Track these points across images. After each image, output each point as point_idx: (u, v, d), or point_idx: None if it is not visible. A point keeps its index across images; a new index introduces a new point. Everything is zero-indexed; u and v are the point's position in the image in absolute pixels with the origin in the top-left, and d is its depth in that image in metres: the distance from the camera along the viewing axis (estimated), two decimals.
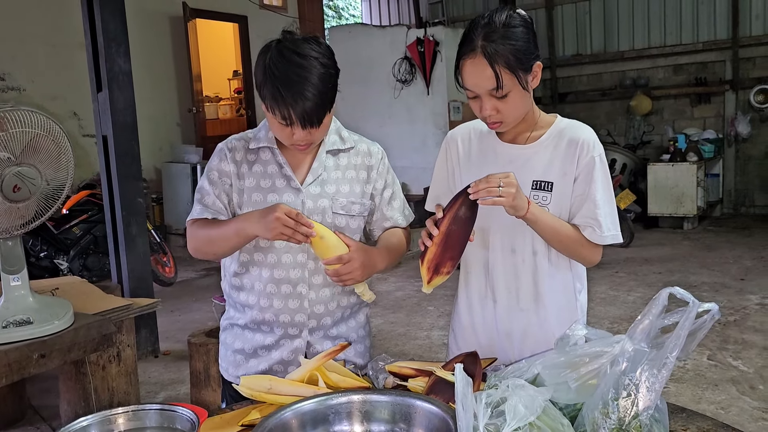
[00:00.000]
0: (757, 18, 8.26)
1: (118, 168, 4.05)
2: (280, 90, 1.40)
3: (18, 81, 6.49)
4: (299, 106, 1.41)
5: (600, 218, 1.51)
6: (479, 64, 1.41)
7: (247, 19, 8.73)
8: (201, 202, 1.60)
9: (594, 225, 1.51)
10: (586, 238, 1.53)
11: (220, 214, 1.59)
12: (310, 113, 1.42)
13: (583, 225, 1.53)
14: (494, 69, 1.40)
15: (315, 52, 1.43)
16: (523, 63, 1.43)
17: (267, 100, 1.43)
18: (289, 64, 1.40)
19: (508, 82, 1.42)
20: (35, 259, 5.06)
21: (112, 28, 3.97)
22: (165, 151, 7.77)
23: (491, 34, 1.41)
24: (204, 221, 1.59)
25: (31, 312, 2.10)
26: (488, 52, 1.40)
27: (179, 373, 3.92)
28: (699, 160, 7.69)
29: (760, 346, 3.97)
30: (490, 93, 1.44)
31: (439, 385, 1.34)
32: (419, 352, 4.19)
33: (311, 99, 1.41)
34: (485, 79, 1.42)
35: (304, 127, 1.44)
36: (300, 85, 1.40)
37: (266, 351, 1.63)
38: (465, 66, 1.44)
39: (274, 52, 1.43)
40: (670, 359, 1.00)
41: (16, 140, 1.92)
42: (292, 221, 1.41)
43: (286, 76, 1.40)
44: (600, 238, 1.51)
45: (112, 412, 1.17)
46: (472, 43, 1.42)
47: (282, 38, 1.46)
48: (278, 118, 1.44)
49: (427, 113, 7.88)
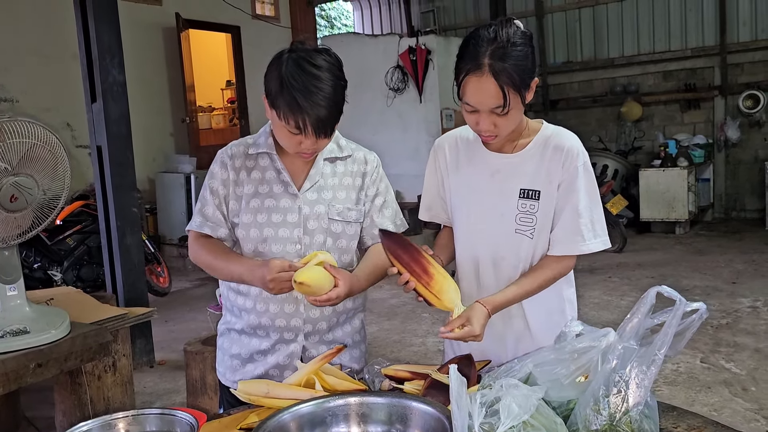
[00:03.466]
0: (744, 24, 8.37)
1: (112, 178, 4.06)
2: (297, 100, 1.42)
3: (11, 92, 6.49)
4: (315, 115, 1.43)
5: (582, 228, 1.52)
6: (486, 82, 1.40)
7: (240, 29, 8.76)
8: (201, 212, 1.63)
9: (575, 236, 1.53)
10: (555, 261, 1.55)
11: (218, 227, 1.63)
12: (325, 122, 1.46)
13: (560, 241, 1.54)
14: (502, 88, 1.40)
15: (329, 64, 1.47)
16: (526, 81, 1.44)
17: (282, 110, 1.45)
18: (307, 75, 1.43)
19: (512, 100, 1.42)
20: (29, 271, 5.04)
21: (107, 39, 4.00)
22: (158, 161, 7.78)
23: (498, 52, 1.40)
24: (207, 241, 1.63)
25: (28, 321, 2.11)
26: (496, 71, 1.39)
27: (174, 382, 3.92)
28: (690, 165, 7.76)
29: (752, 348, 4.01)
30: (492, 110, 1.44)
31: (435, 388, 1.36)
32: (414, 358, 4.20)
33: (326, 108, 1.44)
34: (491, 98, 1.42)
35: (318, 137, 1.47)
36: (317, 95, 1.43)
37: (262, 356, 1.64)
38: (469, 82, 1.43)
39: (291, 63, 1.45)
40: (658, 356, 1.02)
41: (13, 150, 1.93)
42: (286, 275, 1.44)
43: (304, 86, 1.42)
44: (584, 247, 1.53)
45: (112, 416, 1.18)
46: (477, 60, 1.40)
47: (294, 48, 1.49)
48: (291, 126, 1.46)
49: (420, 121, 7.92)
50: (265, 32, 8.88)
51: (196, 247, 1.64)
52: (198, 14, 8.17)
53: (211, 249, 1.62)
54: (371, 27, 12.01)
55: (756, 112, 8.23)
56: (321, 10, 15.44)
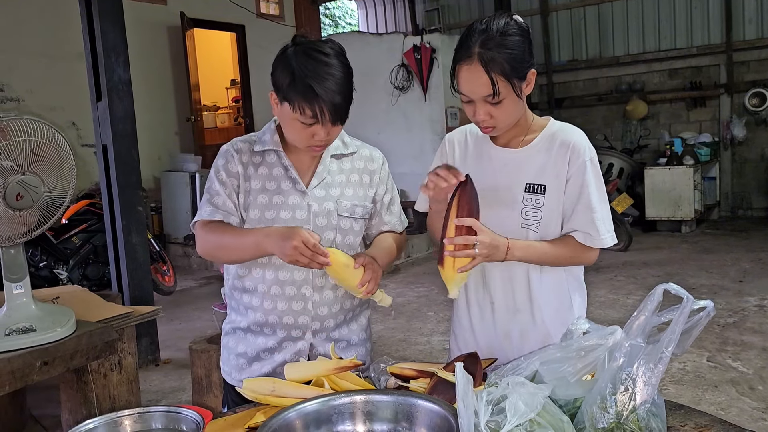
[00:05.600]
0: (750, 22, 8.33)
1: (118, 177, 4.07)
2: (313, 87, 1.42)
3: (16, 92, 6.51)
4: (330, 101, 1.44)
5: (597, 222, 1.53)
6: (475, 70, 1.43)
7: (245, 28, 8.78)
8: (210, 202, 1.61)
9: (591, 231, 1.54)
10: (579, 246, 1.55)
11: (230, 215, 1.60)
12: (339, 108, 1.46)
13: (579, 231, 1.55)
14: (490, 76, 1.42)
15: (335, 51, 1.48)
16: (518, 71, 1.45)
17: (296, 100, 1.45)
18: (318, 62, 1.44)
19: (503, 89, 1.44)
20: (35, 269, 5.06)
21: (112, 37, 4.00)
22: (163, 160, 7.79)
23: (488, 42, 1.42)
24: (215, 224, 1.60)
25: (34, 320, 2.11)
26: (485, 60, 1.42)
27: (180, 381, 3.93)
28: (695, 164, 7.72)
29: (759, 347, 3.99)
30: (484, 99, 1.46)
31: (441, 386, 1.36)
32: (420, 357, 4.20)
33: (341, 94, 1.45)
34: (481, 86, 1.44)
35: (334, 123, 1.48)
36: (330, 81, 1.43)
37: (269, 354, 1.64)
38: (461, 71, 1.46)
39: (299, 54, 1.46)
40: (665, 354, 1.02)
41: (19, 149, 1.93)
42: (309, 251, 1.43)
43: (316, 73, 1.43)
44: (598, 242, 1.54)
45: (118, 414, 1.18)
46: (468, 50, 1.44)
47: (298, 41, 1.49)
48: (307, 116, 1.46)
49: (425, 120, 7.92)
50: (270, 31, 8.88)
51: (203, 233, 1.60)
52: (203, 13, 8.19)
53: (220, 229, 1.58)
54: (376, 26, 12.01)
55: (762, 110, 8.19)
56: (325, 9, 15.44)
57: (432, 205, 1.58)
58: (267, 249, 1.50)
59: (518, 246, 1.51)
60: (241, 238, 1.55)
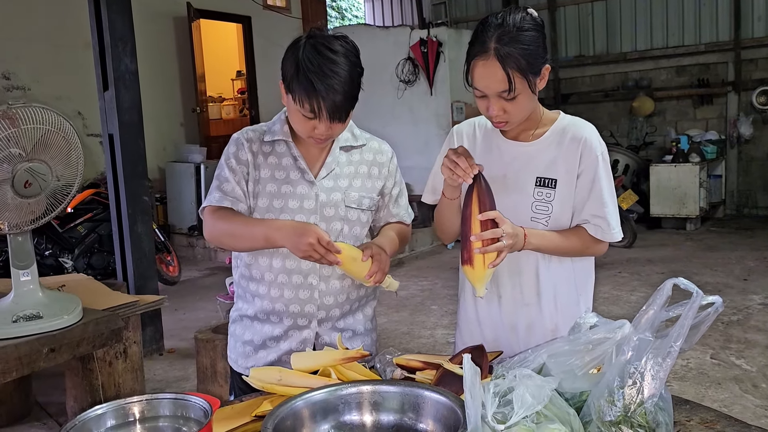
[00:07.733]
0: (759, 20, 8.28)
1: (124, 166, 4.08)
2: (313, 83, 1.43)
3: (23, 80, 6.52)
4: (330, 99, 1.44)
5: (608, 216, 1.54)
6: (492, 66, 1.42)
7: (251, 19, 8.75)
8: (220, 188, 1.61)
9: (602, 224, 1.54)
10: (590, 237, 1.56)
11: (239, 202, 1.61)
12: (339, 107, 1.46)
13: (590, 224, 1.55)
14: (507, 72, 1.41)
15: (345, 49, 1.47)
16: (534, 67, 1.44)
17: (297, 93, 1.46)
18: (323, 58, 1.44)
19: (518, 85, 1.43)
20: (40, 258, 5.08)
21: (119, 27, 4.01)
22: (169, 150, 7.80)
23: (504, 37, 1.41)
24: (224, 212, 1.60)
25: (41, 307, 2.12)
26: (501, 55, 1.40)
27: (184, 370, 3.95)
28: (701, 161, 7.70)
29: (763, 345, 3.99)
30: (499, 95, 1.45)
31: (447, 378, 1.36)
32: (423, 350, 4.20)
33: (342, 93, 1.45)
34: (497, 82, 1.43)
35: (332, 121, 1.47)
36: (332, 79, 1.43)
37: (275, 342, 1.65)
38: (477, 66, 1.45)
39: (308, 47, 1.46)
40: (674, 348, 1.02)
41: (27, 137, 1.94)
42: (322, 249, 1.45)
43: (320, 69, 1.43)
44: (609, 235, 1.55)
45: (126, 401, 1.19)
46: (484, 45, 1.42)
47: (312, 34, 1.49)
48: (306, 110, 1.46)
49: (430, 114, 7.90)
50: (276, 23, 8.86)
51: (212, 219, 1.60)
52: (209, 4, 8.17)
53: (230, 216, 1.59)
54: (382, 18, 11.96)
55: None
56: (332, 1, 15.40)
57: (446, 191, 1.56)
58: (278, 242, 1.51)
59: (534, 234, 1.51)
60: (251, 227, 1.56)
